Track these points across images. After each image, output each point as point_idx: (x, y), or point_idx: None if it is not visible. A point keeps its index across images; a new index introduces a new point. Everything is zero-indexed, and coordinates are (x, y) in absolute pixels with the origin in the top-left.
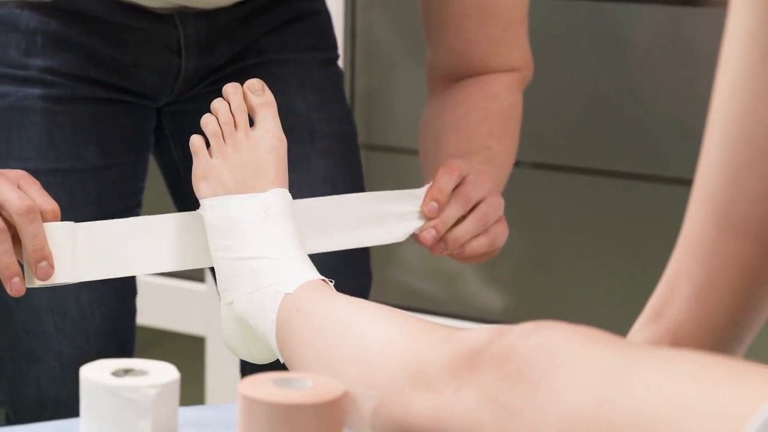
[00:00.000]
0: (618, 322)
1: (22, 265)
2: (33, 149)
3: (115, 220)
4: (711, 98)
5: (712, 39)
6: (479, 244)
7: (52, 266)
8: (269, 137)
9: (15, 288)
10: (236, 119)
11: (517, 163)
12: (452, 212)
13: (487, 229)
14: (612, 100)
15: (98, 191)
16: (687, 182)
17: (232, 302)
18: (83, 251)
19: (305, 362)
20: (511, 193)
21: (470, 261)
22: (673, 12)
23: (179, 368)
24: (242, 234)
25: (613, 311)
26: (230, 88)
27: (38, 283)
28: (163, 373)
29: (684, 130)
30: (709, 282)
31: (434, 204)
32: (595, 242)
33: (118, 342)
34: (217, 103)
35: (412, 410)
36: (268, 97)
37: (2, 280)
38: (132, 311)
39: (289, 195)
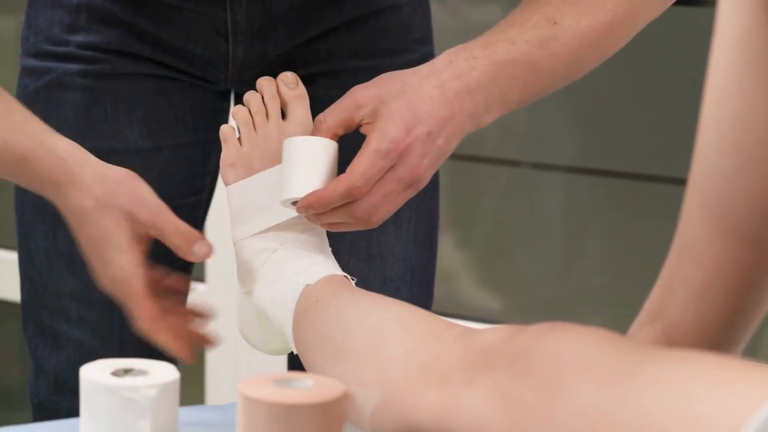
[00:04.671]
0: (617, 323)
1: None
2: (70, 128)
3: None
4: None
5: (712, 39)
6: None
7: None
8: (301, 130)
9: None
10: (268, 110)
11: (517, 163)
12: (332, 218)
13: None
14: (612, 100)
15: (143, 176)
16: (686, 182)
17: (251, 291)
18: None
19: (319, 353)
20: (511, 192)
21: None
22: (673, 12)
23: (179, 368)
24: (269, 223)
25: (613, 311)
26: (264, 81)
27: None
28: (163, 373)
29: (683, 130)
30: (704, 285)
31: (310, 210)
32: (594, 242)
33: (146, 338)
34: (249, 95)
35: (421, 405)
36: (301, 90)
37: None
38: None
39: None
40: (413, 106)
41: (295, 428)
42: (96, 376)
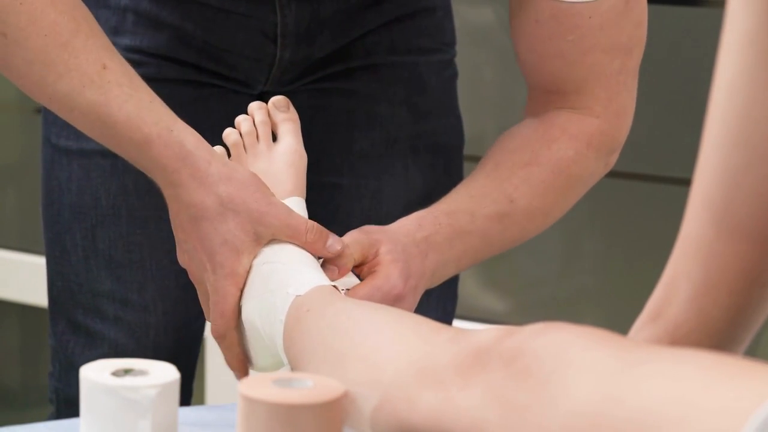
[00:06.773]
0: (618, 323)
1: None
2: None
3: None
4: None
5: (712, 39)
6: None
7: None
8: (290, 152)
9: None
10: (259, 132)
11: None
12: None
13: None
14: None
15: None
16: (687, 182)
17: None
18: None
19: (312, 360)
20: None
21: None
22: (674, 12)
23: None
24: None
25: (613, 311)
26: (255, 105)
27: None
28: (163, 373)
29: (684, 131)
30: (708, 283)
31: (335, 269)
32: (595, 242)
33: (178, 340)
34: (240, 117)
35: (417, 407)
36: (292, 114)
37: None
38: (201, 312)
39: (305, 206)
40: (407, 261)
41: (295, 428)
42: (96, 376)
